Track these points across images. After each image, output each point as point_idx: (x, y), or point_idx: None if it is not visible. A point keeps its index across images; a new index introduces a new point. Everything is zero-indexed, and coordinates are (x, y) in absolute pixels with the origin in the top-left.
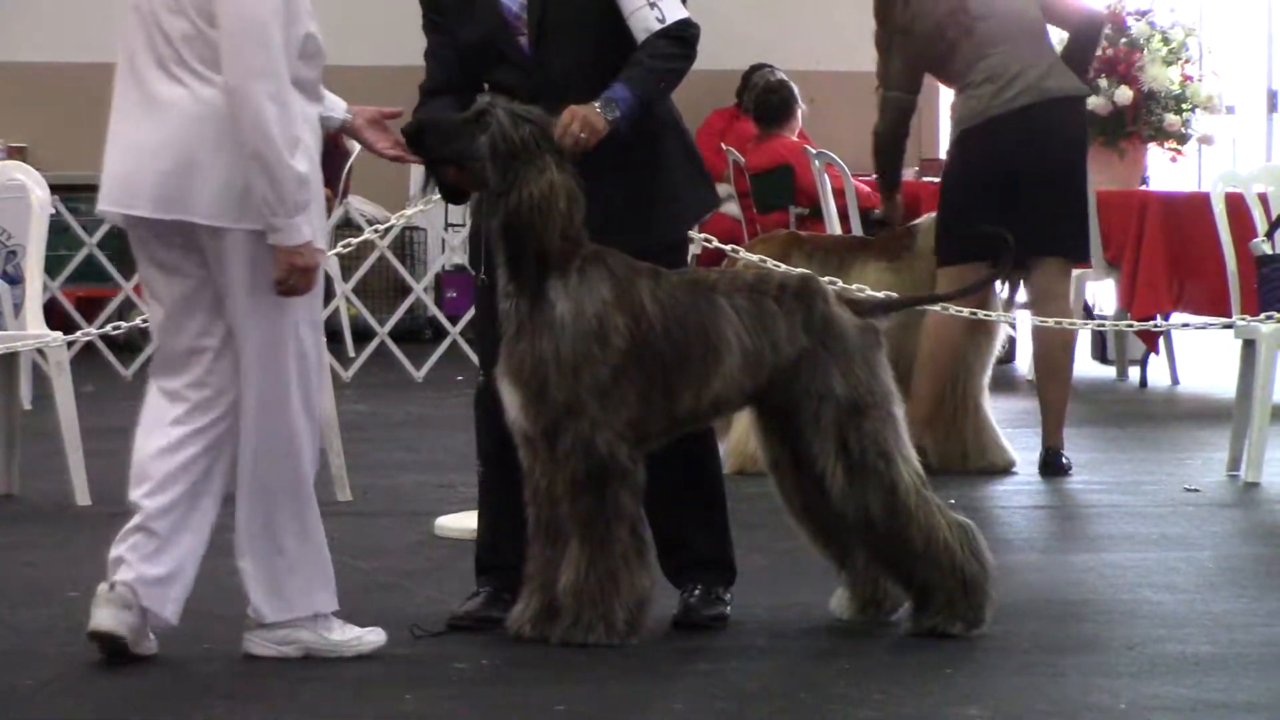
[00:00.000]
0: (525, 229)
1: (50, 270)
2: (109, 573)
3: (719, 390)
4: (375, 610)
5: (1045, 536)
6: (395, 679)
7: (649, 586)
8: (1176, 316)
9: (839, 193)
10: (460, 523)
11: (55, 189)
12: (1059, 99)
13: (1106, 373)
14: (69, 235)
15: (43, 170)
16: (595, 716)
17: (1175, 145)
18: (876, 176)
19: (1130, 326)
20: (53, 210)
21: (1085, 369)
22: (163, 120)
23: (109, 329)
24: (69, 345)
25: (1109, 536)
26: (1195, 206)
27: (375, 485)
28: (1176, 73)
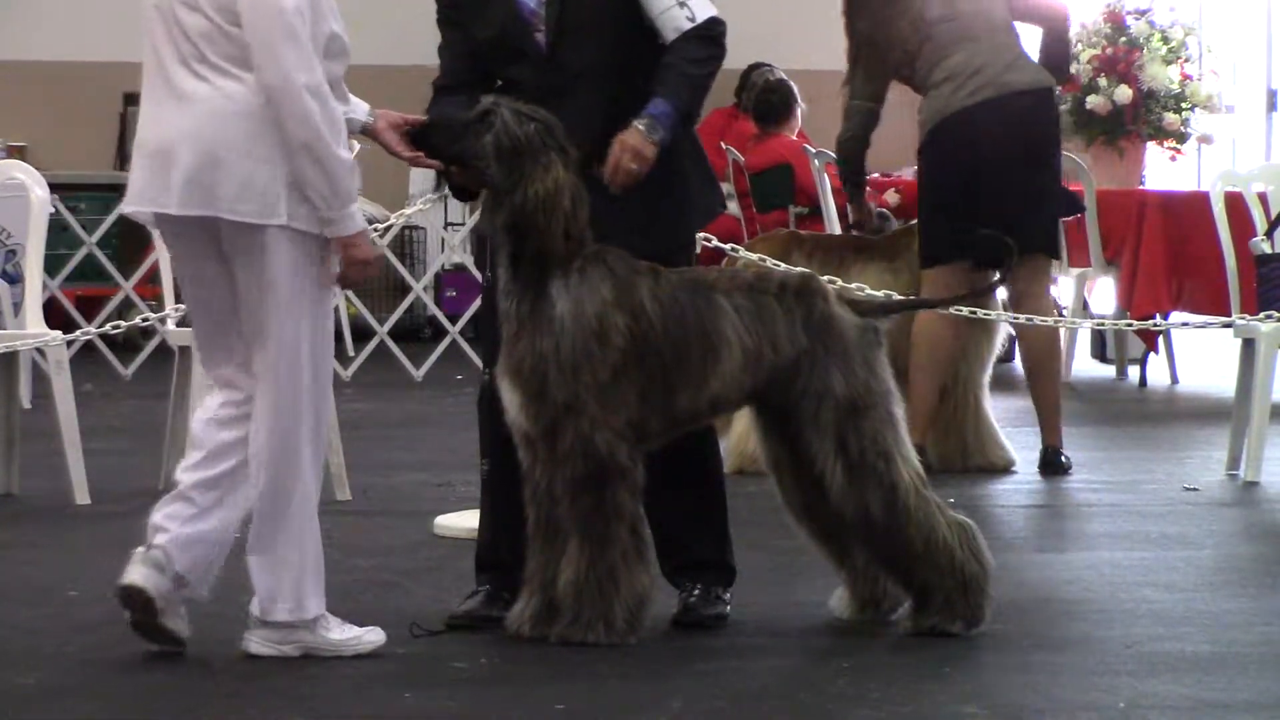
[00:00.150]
0: (529, 227)
1: (50, 269)
2: (146, 538)
3: (718, 389)
4: (374, 609)
5: (1044, 535)
6: (394, 678)
7: (648, 586)
8: (1176, 316)
9: (838, 192)
10: (459, 522)
11: (55, 188)
12: (1021, 91)
13: (1106, 372)
14: (68, 234)
15: (42, 169)
16: (594, 715)
17: (1175, 144)
18: (842, 183)
19: (1130, 326)
20: (52, 209)
21: (1085, 368)
22: (187, 116)
23: (108, 328)
24: (68, 344)
25: (1108, 535)
26: (1195, 206)
27: (374, 484)
28: (1176, 72)
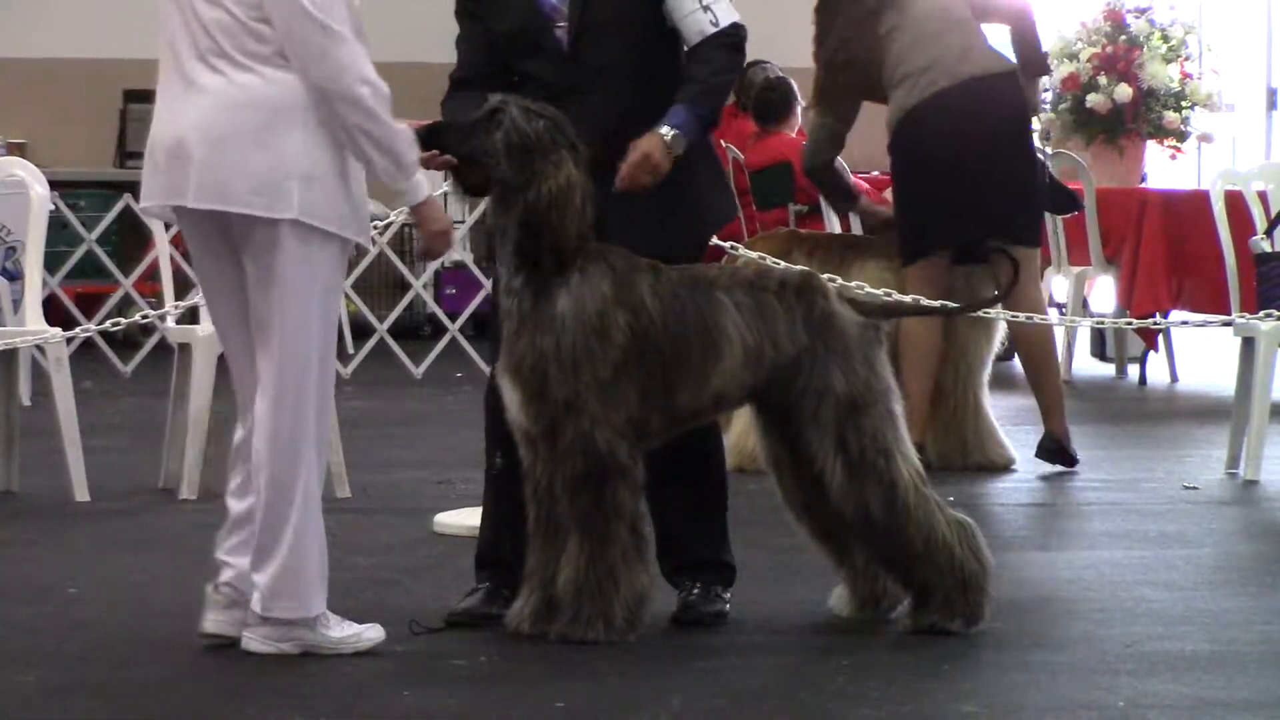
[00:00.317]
0: (543, 224)
1: (49, 266)
2: (214, 574)
3: (719, 386)
4: (374, 607)
5: (1044, 534)
6: (394, 676)
7: (648, 584)
8: (1176, 314)
9: None
10: (459, 520)
11: (54, 185)
12: (976, 77)
13: (1106, 370)
14: (68, 231)
15: (42, 166)
16: (594, 714)
17: (1174, 143)
18: (830, 204)
19: (1129, 324)
20: (52, 206)
21: (1084, 366)
22: (199, 109)
23: (108, 325)
24: (68, 341)
25: (1107, 534)
26: (1194, 204)
27: (374, 482)
28: (1176, 70)
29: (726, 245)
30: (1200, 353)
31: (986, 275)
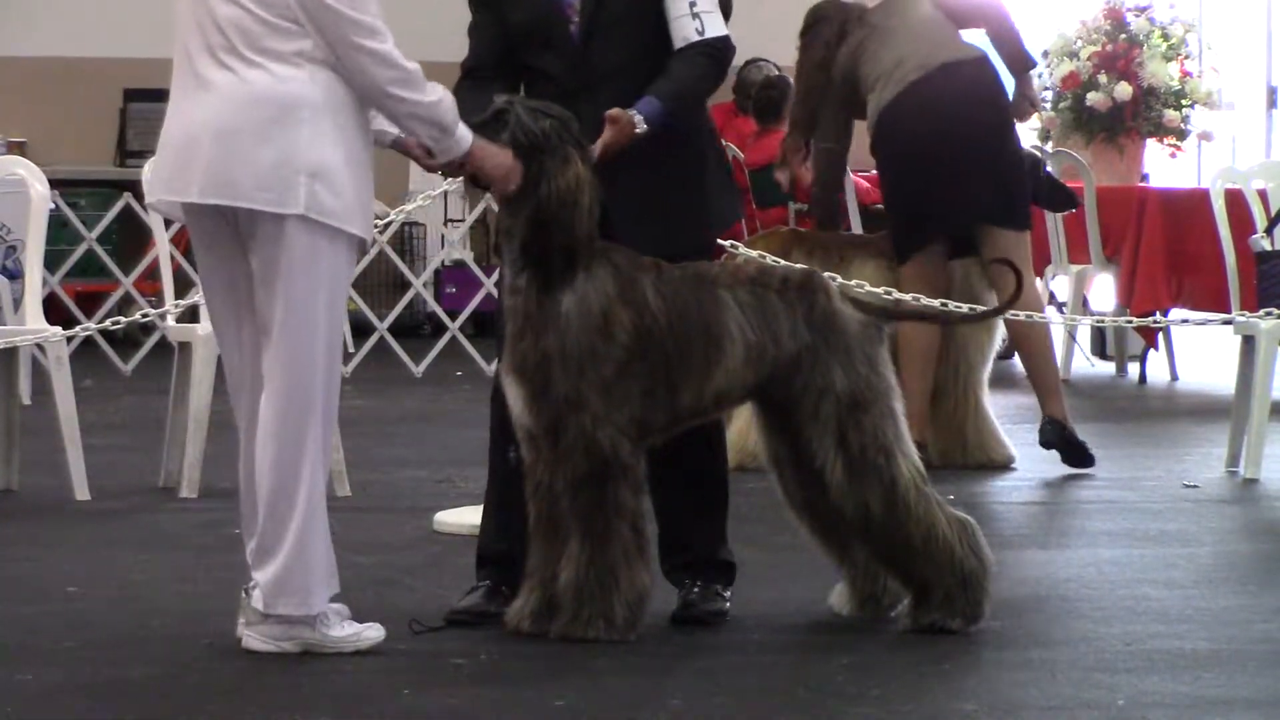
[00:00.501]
0: (551, 223)
1: (50, 265)
2: (250, 578)
3: (722, 384)
4: (374, 606)
5: (1044, 532)
6: (394, 674)
7: (648, 583)
8: (1175, 312)
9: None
10: (459, 518)
11: (55, 184)
12: (949, 64)
13: (1106, 368)
14: (68, 230)
15: (42, 165)
16: (594, 712)
17: (1174, 141)
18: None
19: (1129, 322)
20: (52, 205)
21: (1084, 365)
22: (207, 105)
23: (108, 324)
24: (68, 340)
25: (1107, 532)
26: (1194, 202)
27: (374, 481)
28: (1176, 69)
29: (727, 244)
30: (1200, 351)
31: (983, 272)
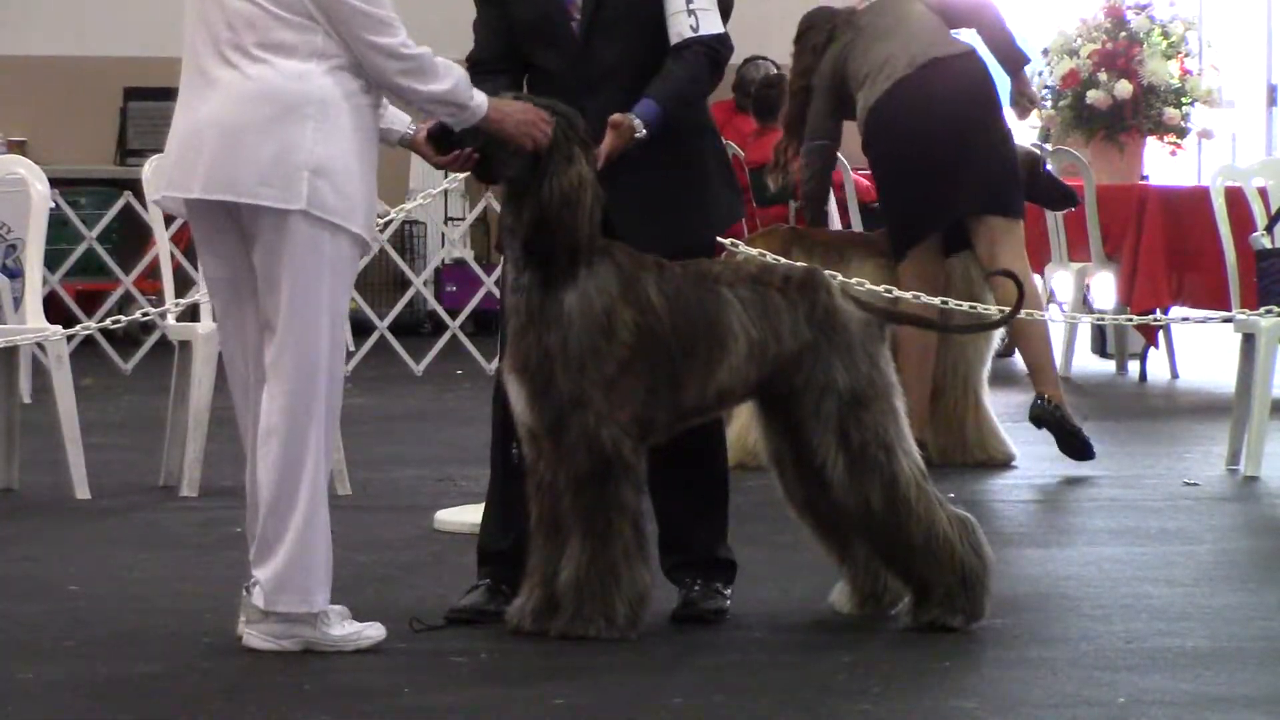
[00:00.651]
0: (554, 221)
1: (50, 264)
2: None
3: (724, 382)
4: (374, 604)
5: (1044, 530)
6: (394, 673)
7: (649, 581)
8: (1176, 310)
9: (838, 186)
10: (459, 517)
11: (55, 183)
12: (936, 59)
13: (1106, 366)
14: (69, 229)
15: (43, 164)
16: (594, 710)
17: (1175, 139)
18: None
19: (1130, 320)
20: (52, 204)
21: (1085, 363)
22: (213, 102)
23: (108, 323)
24: (68, 339)
25: (1108, 530)
26: (1195, 201)
27: (374, 479)
28: (1176, 67)
29: (727, 242)
30: (1200, 349)
31: (979, 268)
